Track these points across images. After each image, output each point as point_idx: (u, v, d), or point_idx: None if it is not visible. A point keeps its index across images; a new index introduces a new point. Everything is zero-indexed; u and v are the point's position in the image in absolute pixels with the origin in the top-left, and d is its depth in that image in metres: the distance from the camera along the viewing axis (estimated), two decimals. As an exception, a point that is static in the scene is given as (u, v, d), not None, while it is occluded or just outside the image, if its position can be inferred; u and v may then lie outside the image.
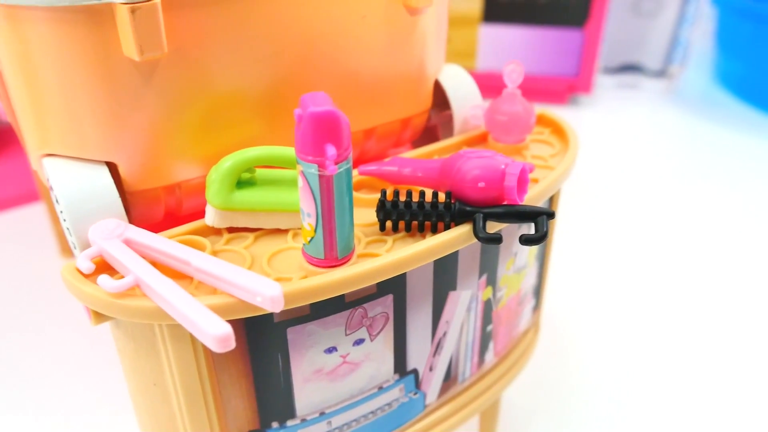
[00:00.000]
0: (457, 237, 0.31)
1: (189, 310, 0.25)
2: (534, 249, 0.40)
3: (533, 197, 0.34)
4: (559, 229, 0.64)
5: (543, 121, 0.43)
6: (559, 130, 0.42)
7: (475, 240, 0.31)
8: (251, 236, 0.32)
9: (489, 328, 0.39)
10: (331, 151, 0.25)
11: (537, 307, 0.45)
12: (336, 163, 0.26)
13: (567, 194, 0.72)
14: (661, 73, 1.03)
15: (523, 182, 0.32)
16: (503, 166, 0.31)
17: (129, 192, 0.32)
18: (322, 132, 0.25)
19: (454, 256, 0.33)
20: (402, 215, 0.31)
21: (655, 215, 0.69)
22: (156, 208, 0.33)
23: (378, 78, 0.36)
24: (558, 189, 0.39)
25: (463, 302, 0.36)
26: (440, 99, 0.41)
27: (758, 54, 0.95)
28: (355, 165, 0.36)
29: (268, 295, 0.26)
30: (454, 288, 0.35)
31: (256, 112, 0.33)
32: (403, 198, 0.32)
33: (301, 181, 0.27)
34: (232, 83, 0.32)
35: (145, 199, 0.33)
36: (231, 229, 0.32)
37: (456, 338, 0.37)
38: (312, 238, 0.28)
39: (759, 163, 0.82)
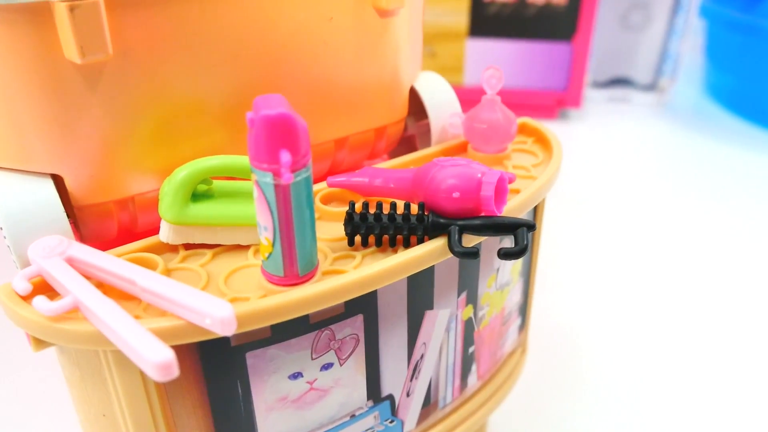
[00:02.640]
0: (430, 251, 0.29)
1: (127, 333, 0.22)
2: (518, 264, 0.38)
3: (514, 208, 0.32)
4: (548, 243, 0.62)
5: (526, 130, 0.41)
6: (542, 139, 0.40)
7: (451, 255, 0.29)
8: (209, 253, 0.29)
9: (471, 349, 0.36)
10: (285, 157, 0.23)
11: (523, 326, 0.42)
12: (292, 171, 0.24)
13: (557, 208, 0.69)
14: (651, 87, 1.02)
15: (501, 192, 0.30)
16: (479, 175, 0.29)
17: (77, 207, 0.30)
18: (275, 137, 0.23)
19: (430, 272, 0.31)
20: (371, 229, 0.29)
21: (646, 229, 0.67)
22: (108, 223, 0.31)
23: (348, 84, 0.34)
24: (542, 199, 0.37)
25: (441, 322, 0.33)
26: (417, 107, 0.39)
27: (748, 66, 0.94)
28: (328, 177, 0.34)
29: (217, 316, 0.23)
30: (430, 307, 0.32)
31: (217, 120, 0.31)
32: (372, 210, 0.30)
33: (255, 192, 0.25)
34: (188, 89, 0.30)
35: (96, 214, 0.30)
36: (188, 246, 0.30)
37: (435, 361, 0.34)
38: (270, 253, 0.26)
39: (750, 176, 0.80)
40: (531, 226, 0.28)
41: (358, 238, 0.30)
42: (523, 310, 0.42)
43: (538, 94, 0.97)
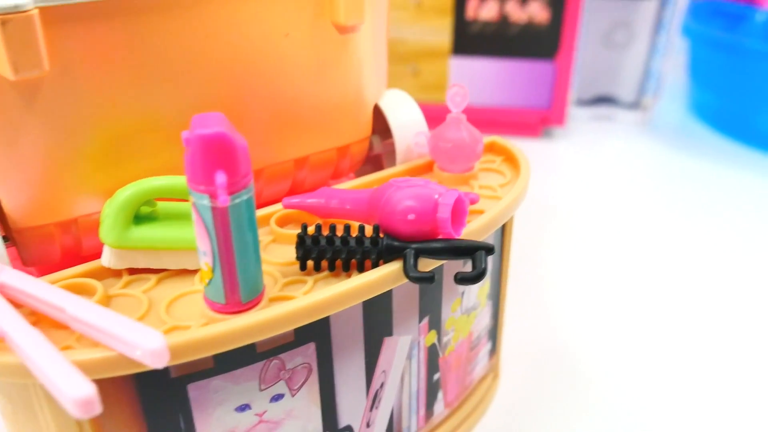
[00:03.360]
0: (385, 276, 0.27)
1: (46, 365, 0.21)
2: (485, 287, 0.37)
3: (476, 230, 0.31)
4: (532, 263, 0.61)
5: (495, 148, 0.40)
6: (511, 158, 0.39)
7: (406, 279, 0.27)
8: (154, 278, 0.28)
9: (436, 376, 0.35)
10: (221, 179, 0.22)
11: (494, 350, 0.41)
12: (230, 193, 0.23)
13: (541, 227, 0.68)
14: (634, 105, 1.02)
15: (459, 214, 0.28)
16: (436, 196, 0.28)
17: (16, 229, 0.28)
18: (211, 157, 0.22)
19: (387, 297, 0.30)
20: (324, 252, 0.28)
21: (631, 247, 0.65)
22: (50, 247, 0.30)
23: (307, 102, 0.33)
24: (509, 219, 0.36)
25: (401, 349, 0.32)
26: (383, 126, 0.38)
27: (731, 85, 0.93)
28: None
29: (148, 347, 0.22)
30: (389, 333, 0.31)
31: (168, 139, 0.30)
32: (326, 233, 0.29)
33: (194, 215, 0.23)
34: (136, 106, 0.29)
35: (37, 237, 0.29)
36: (133, 271, 0.29)
37: (396, 389, 0.33)
38: (210, 279, 0.24)
39: (734, 194, 0.79)
40: (489, 249, 0.27)
41: (310, 263, 0.29)
42: (494, 334, 0.40)
43: (521, 112, 0.96)
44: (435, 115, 0.95)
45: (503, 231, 0.37)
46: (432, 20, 0.93)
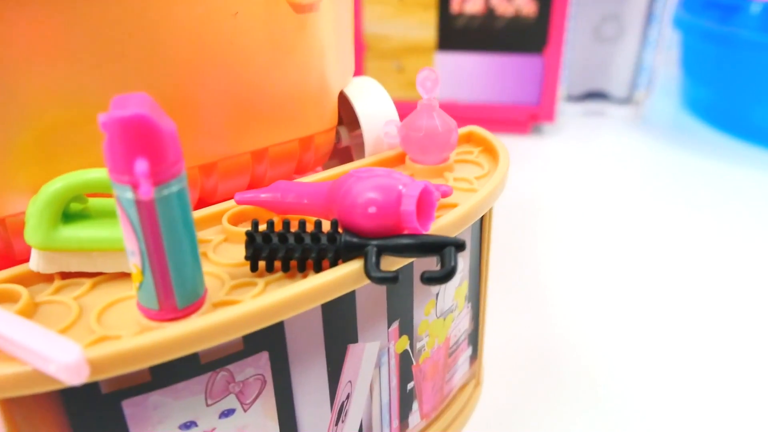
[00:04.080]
0: (344, 276, 0.25)
1: (23, 335, 0.19)
2: (463, 287, 0.34)
3: (448, 225, 0.28)
4: (515, 264, 0.58)
5: (473, 139, 0.37)
6: (490, 149, 0.36)
7: (368, 280, 0.25)
8: (88, 283, 0.25)
9: (410, 385, 0.32)
10: (141, 167, 0.19)
11: (476, 356, 0.38)
12: (156, 184, 0.20)
13: (532, 225, 0.66)
14: (626, 100, 0.99)
15: (427, 206, 0.26)
16: (400, 187, 0.25)
17: (-64, 231, 0.26)
18: (131, 143, 0.19)
19: (350, 300, 0.27)
20: (275, 251, 0.25)
21: (624, 243, 0.63)
22: (-24, 250, 0.27)
23: (263, 89, 0.30)
24: (486, 214, 0.33)
25: (368, 356, 0.29)
26: (351, 116, 0.36)
27: (724, 78, 0.91)
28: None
29: (62, 361, 0.19)
30: (354, 339, 0.28)
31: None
32: (278, 230, 0.26)
33: (118, 210, 0.21)
34: (67, 95, 0.26)
35: (-41, 239, 0.26)
36: (66, 275, 0.26)
37: (365, 401, 0.30)
38: (141, 283, 0.22)
39: (729, 188, 0.77)
40: (459, 245, 0.24)
41: (262, 263, 0.26)
42: (474, 338, 0.37)
43: (510, 108, 0.93)
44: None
45: (481, 226, 0.34)
46: (416, 15, 0.90)
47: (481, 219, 0.34)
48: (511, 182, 0.78)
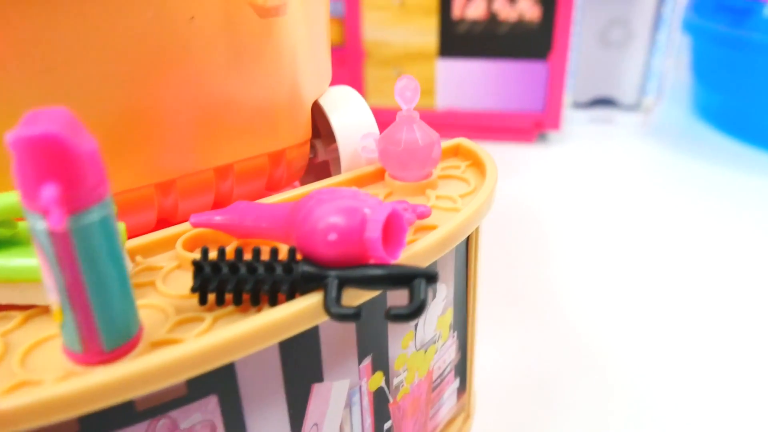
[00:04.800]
0: (301, 312, 0.22)
1: None
2: (448, 316, 0.31)
3: (422, 251, 0.25)
4: (516, 280, 0.55)
5: (461, 152, 0.35)
6: (478, 164, 0.33)
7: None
8: (19, 317, 0.23)
9: (387, 425, 0.29)
10: (49, 193, 0.16)
11: (464, 388, 0.35)
12: (71, 212, 0.17)
13: (537, 237, 0.63)
14: (635, 107, 0.96)
15: (397, 232, 0.23)
16: (366, 211, 0.22)
17: None
18: (40, 165, 0.17)
19: (312, 335, 0.24)
20: (225, 282, 0.22)
21: (635, 255, 0.60)
22: None
23: (226, 100, 0.28)
24: (473, 235, 0.31)
25: (337, 396, 0.26)
26: (328, 128, 0.33)
27: (736, 83, 0.88)
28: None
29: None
30: (318, 378, 0.25)
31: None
32: (230, 257, 0.23)
33: (33, 241, 0.18)
34: (2, 108, 0.23)
35: None
36: (-3, 307, 0.23)
37: (335, 443, 0.27)
38: (61, 322, 0.19)
39: (743, 197, 0.73)
40: (430, 277, 0.22)
41: (212, 295, 0.23)
42: (462, 368, 0.35)
43: (514, 116, 0.91)
44: (424, 122, 0.90)
45: (467, 248, 0.31)
46: (416, 20, 0.87)
47: (467, 240, 0.31)
48: (515, 192, 0.75)
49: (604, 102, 0.98)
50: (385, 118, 0.31)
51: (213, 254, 0.25)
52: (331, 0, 0.89)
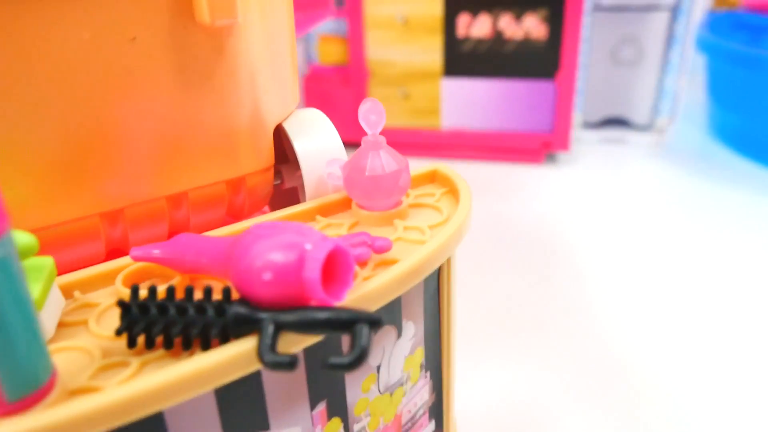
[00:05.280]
0: (235, 357, 0.20)
1: None
2: (417, 355, 0.29)
3: (380, 288, 0.23)
4: (532, 303, 0.53)
5: (438, 178, 0.33)
6: (454, 191, 0.31)
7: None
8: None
9: (348, 473, 0.27)
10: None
11: (441, 430, 0.33)
12: (-46, 253, 0.16)
13: (544, 264, 0.60)
14: (648, 127, 0.93)
15: (342, 270, 0.21)
16: (308, 247, 0.20)
17: None
18: None
19: (253, 380, 0.22)
20: (152, 324, 0.20)
21: (647, 283, 0.57)
22: None
23: (173, 124, 0.26)
24: (442, 265, 0.29)
25: (286, 445, 0.24)
26: (295, 153, 0.31)
27: (753, 103, 0.85)
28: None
29: None
30: (264, 426, 0.23)
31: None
32: (161, 297, 0.22)
33: None
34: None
35: None
36: None
37: (288, 495, 0.25)
38: (-43, 372, 0.17)
39: (761, 219, 0.70)
40: (373, 322, 0.20)
41: (142, 337, 0.21)
42: (438, 410, 0.32)
43: (521, 136, 0.88)
44: (429, 142, 0.88)
45: (439, 282, 0.29)
46: (421, 39, 0.86)
47: (438, 272, 0.29)
48: (522, 214, 0.72)
49: (615, 122, 0.95)
50: (391, 138, 0.30)
51: (143, 292, 0.23)
52: (334, 18, 0.89)
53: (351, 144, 0.36)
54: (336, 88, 0.91)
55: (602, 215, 0.73)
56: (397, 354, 0.27)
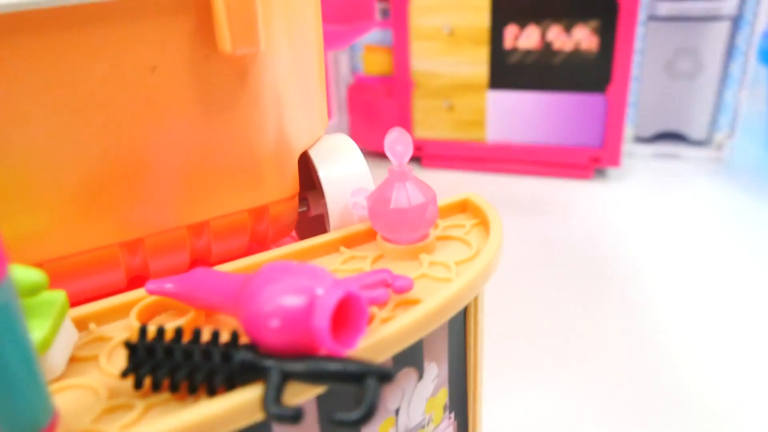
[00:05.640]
0: (238, 407, 0.19)
1: None
2: (441, 396, 0.28)
3: (396, 335, 0.22)
4: (579, 329, 0.50)
5: (470, 208, 0.31)
6: (485, 223, 0.30)
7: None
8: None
9: None
10: None
11: (467, 471, 0.32)
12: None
13: (592, 286, 0.58)
14: (705, 142, 0.89)
15: (355, 315, 0.20)
16: (320, 291, 0.19)
17: None
18: None
19: (263, 428, 0.22)
20: (158, 367, 0.20)
21: (704, 311, 0.54)
22: None
23: (195, 153, 0.26)
24: (470, 304, 0.27)
25: (297, 492, 0.23)
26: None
27: (822, 118, 0.79)
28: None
29: None
30: (274, 473, 0.22)
31: (8, 200, 0.23)
32: (169, 338, 0.21)
33: None
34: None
35: None
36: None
37: None
38: (-46, 417, 0.17)
39: (827, 250, 0.66)
40: (383, 376, 0.19)
41: (148, 379, 0.21)
42: (464, 451, 0.31)
43: (569, 151, 0.86)
44: (473, 155, 0.86)
45: (465, 320, 0.28)
46: (466, 50, 0.84)
47: (465, 311, 0.28)
48: (568, 233, 0.70)
49: (669, 136, 0.91)
50: (434, 150, 0.29)
51: (151, 331, 0.22)
52: (379, 29, 0.88)
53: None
54: (380, 99, 0.90)
55: (656, 235, 0.70)
56: (418, 396, 0.26)
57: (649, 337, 0.51)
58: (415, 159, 0.92)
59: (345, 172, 0.29)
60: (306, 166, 0.31)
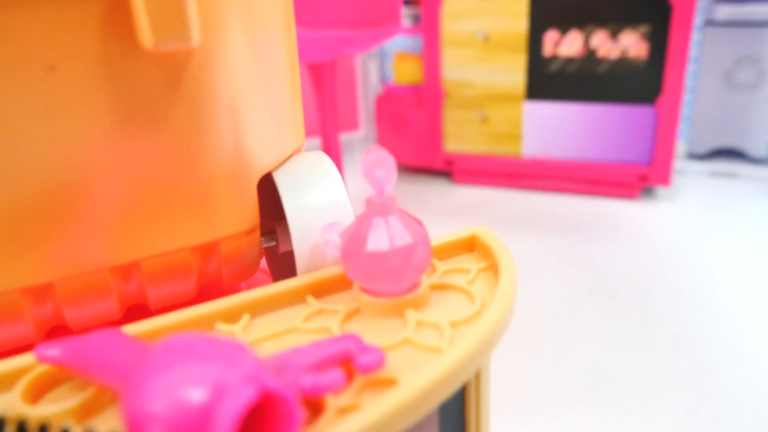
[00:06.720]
0: None
1: None
2: (431, 496, 0.21)
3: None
4: (603, 374, 0.43)
5: (478, 247, 0.25)
6: (495, 267, 0.23)
7: None
8: None
9: None
10: None
11: None
12: None
13: (630, 321, 0.50)
14: (766, 160, 0.80)
15: (285, 414, 0.14)
16: (228, 385, 0.13)
17: None
18: None
19: None
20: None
21: (765, 341, 0.46)
22: None
23: (114, 176, 0.20)
24: (473, 378, 0.21)
25: None
26: (292, 210, 0.24)
27: None
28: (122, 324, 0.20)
29: None
30: None
31: None
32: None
33: None
34: None
35: None
36: None
37: None
38: None
39: None
40: None
41: (0, 493, 0.15)
42: None
43: (614, 167, 0.78)
44: (508, 171, 0.79)
45: (464, 404, 0.21)
46: (502, 58, 0.78)
47: (463, 392, 0.21)
48: (612, 258, 0.62)
49: (727, 153, 0.82)
50: (465, 165, 0.22)
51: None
52: (408, 35, 0.82)
53: (423, 171, 0.28)
54: (409, 109, 0.85)
55: (709, 263, 0.61)
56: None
57: (705, 379, 0.43)
58: (446, 174, 0.86)
59: (317, 201, 0.23)
60: (275, 191, 0.25)
